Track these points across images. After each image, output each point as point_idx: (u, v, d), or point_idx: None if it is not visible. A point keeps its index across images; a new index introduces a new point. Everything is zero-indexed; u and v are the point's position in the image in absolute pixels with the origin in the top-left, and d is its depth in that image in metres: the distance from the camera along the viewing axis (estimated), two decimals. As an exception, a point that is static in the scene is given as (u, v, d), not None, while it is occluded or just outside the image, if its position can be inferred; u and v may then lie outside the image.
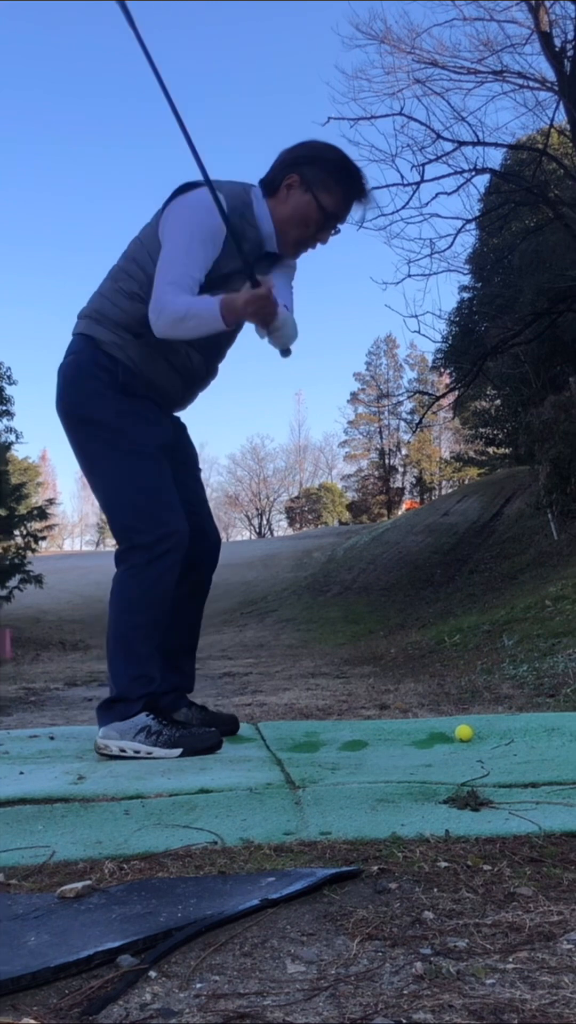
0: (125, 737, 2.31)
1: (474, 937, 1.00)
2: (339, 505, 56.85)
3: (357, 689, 5.22)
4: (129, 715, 2.32)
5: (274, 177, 2.43)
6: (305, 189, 2.39)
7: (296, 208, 2.40)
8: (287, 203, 2.40)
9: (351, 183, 2.44)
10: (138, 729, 2.30)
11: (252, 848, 1.37)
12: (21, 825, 1.56)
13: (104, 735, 2.33)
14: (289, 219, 2.41)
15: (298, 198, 2.40)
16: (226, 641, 13.82)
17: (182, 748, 2.28)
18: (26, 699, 6.23)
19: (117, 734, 2.31)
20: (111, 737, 2.32)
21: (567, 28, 14.05)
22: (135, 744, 2.29)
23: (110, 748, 2.31)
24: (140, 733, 2.30)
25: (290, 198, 2.40)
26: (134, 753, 2.28)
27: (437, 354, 21.67)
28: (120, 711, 2.33)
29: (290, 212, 2.40)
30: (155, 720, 2.32)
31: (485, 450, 31.85)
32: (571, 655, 5.02)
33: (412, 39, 14.33)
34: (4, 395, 19.25)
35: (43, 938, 1.01)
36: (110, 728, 2.33)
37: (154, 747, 2.29)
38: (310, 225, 2.43)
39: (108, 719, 2.35)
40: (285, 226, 2.42)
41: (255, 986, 0.89)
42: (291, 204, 2.40)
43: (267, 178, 2.45)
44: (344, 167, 2.44)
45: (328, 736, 2.57)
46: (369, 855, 1.31)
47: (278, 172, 2.42)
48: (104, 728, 2.34)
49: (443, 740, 2.40)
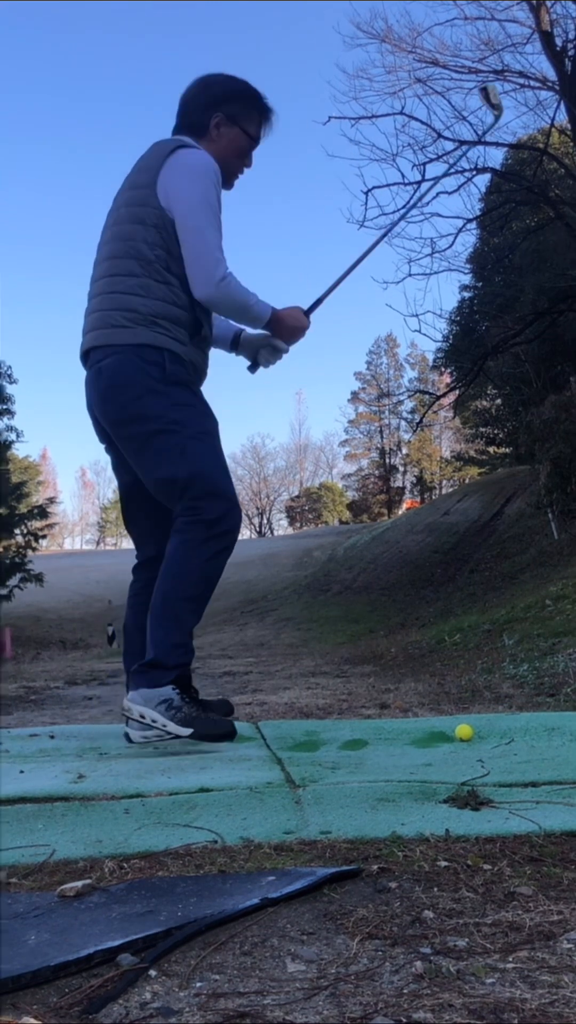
0: (148, 704, 2.35)
1: (474, 936, 1.00)
2: (339, 504, 56.86)
3: (357, 688, 5.22)
4: (161, 683, 2.35)
5: (197, 120, 2.56)
6: (232, 123, 2.56)
7: (231, 142, 2.57)
8: (220, 141, 2.55)
9: (263, 106, 2.62)
10: (161, 699, 2.34)
11: (252, 847, 1.37)
12: (21, 824, 1.56)
13: (131, 698, 2.38)
14: (226, 154, 2.55)
15: (228, 133, 2.56)
16: (226, 640, 13.82)
17: (193, 730, 2.31)
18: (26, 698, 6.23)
19: (142, 699, 2.36)
20: (136, 701, 2.37)
21: (568, 28, 14.05)
22: (154, 713, 2.33)
23: (132, 711, 2.36)
24: (162, 704, 2.34)
25: (221, 136, 2.56)
26: (151, 722, 2.33)
27: (438, 353, 21.69)
28: (154, 677, 2.36)
29: (225, 147, 2.56)
30: (179, 695, 2.36)
31: (486, 449, 31.86)
32: (571, 655, 5.01)
33: (413, 38, 14.34)
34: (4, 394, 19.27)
35: (43, 937, 1.01)
36: (137, 692, 2.37)
37: (169, 721, 2.32)
38: (243, 154, 2.60)
39: (140, 683, 2.38)
40: (223, 161, 2.53)
41: (255, 985, 0.89)
42: (225, 140, 2.56)
43: (189, 123, 2.57)
44: (253, 94, 2.61)
45: (328, 735, 2.57)
46: (369, 854, 1.31)
47: (200, 115, 2.56)
48: (132, 692, 2.39)
49: (443, 739, 2.40)
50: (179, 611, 2.39)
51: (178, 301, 2.41)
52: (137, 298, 2.39)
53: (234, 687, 6.03)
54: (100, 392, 2.46)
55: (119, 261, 2.42)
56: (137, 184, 2.46)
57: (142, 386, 2.39)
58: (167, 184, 2.39)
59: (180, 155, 2.42)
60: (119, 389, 2.41)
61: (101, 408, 2.47)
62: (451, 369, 20.78)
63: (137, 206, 2.43)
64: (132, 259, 2.40)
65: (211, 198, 2.39)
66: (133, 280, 2.39)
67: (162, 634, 2.39)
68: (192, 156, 2.42)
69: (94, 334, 2.46)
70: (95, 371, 2.46)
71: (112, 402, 2.44)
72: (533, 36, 14.03)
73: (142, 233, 2.40)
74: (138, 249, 2.40)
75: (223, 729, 2.36)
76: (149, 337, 2.38)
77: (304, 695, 4.93)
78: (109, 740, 2.63)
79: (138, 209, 2.42)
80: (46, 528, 20.94)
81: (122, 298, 2.40)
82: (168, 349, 2.40)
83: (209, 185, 2.39)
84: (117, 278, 2.42)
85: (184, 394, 2.44)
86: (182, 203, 2.37)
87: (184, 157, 2.42)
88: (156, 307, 2.39)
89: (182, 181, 2.38)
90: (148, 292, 2.39)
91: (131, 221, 2.43)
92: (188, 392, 2.46)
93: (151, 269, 2.39)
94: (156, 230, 2.39)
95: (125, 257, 2.41)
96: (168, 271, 2.40)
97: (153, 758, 2.26)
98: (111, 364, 2.41)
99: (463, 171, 14.58)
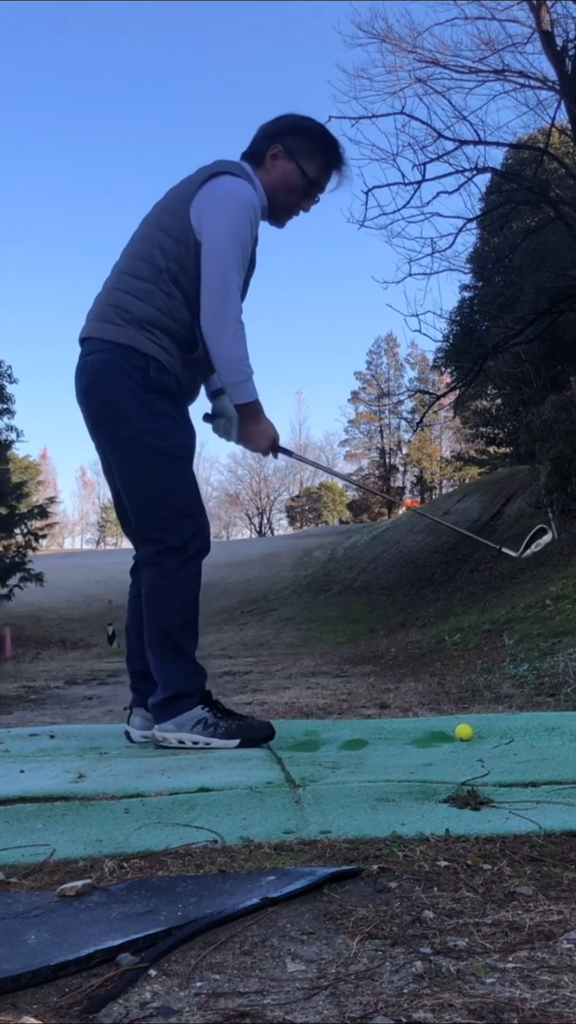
0: (182, 729, 2.38)
1: (474, 936, 0.99)
2: (339, 504, 56.86)
3: (357, 688, 5.22)
4: (187, 710, 2.39)
5: (258, 149, 2.53)
6: (289, 158, 2.50)
7: (283, 176, 2.51)
8: (272, 172, 2.51)
9: (330, 152, 2.56)
10: (195, 721, 2.38)
11: (252, 847, 1.37)
12: (21, 823, 1.56)
13: (161, 728, 2.40)
14: (276, 187, 2.51)
15: (283, 167, 2.51)
16: (226, 640, 13.82)
17: (240, 739, 2.35)
18: (26, 697, 6.23)
19: (174, 727, 2.38)
20: (168, 730, 2.39)
21: (568, 27, 14.04)
22: (192, 736, 2.37)
23: (169, 740, 2.38)
24: (197, 725, 2.37)
25: (275, 167, 2.51)
26: (192, 744, 2.36)
27: (438, 353, 21.69)
28: (177, 708, 2.39)
29: (277, 180, 2.51)
30: (210, 712, 2.40)
31: (486, 449, 31.85)
32: (571, 654, 5.01)
33: (413, 38, 14.33)
34: (5, 393, 19.27)
35: (43, 936, 1.01)
36: (167, 723, 2.39)
37: (212, 738, 2.35)
38: (295, 192, 2.54)
39: (165, 717, 2.40)
40: (273, 193, 2.51)
41: (255, 985, 0.89)
42: (277, 173, 2.51)
43: (251, 151, 2.54)
44: (323, 137, 2.56)
45: (328, 735, 2.57)
46: (369, 854, 1.31)
47: (261, 144, 2.53)
48: (160, 724, 2.41)
49: (443, 739, 2.39)
50: (178, 641, 2.42)
51: (175, 315, 2.40)
52: (136, 300, 2.39)
53: (234, 687, 6.03)
54: (82, 387, 2.48)
55: (134, 261, 2.44)
56: (177, 194, 2.46)
57: (122, 388, 2.38)
58: (202, 207, 2.38)
59: (222, 181, 2.40)
60: (99, 387, 2.42)
61: (83, 404, 2.49)
62: (451, 369, 20.78)
63: (168, 214, 2.43)
64: (145, 263, 2.41)
65: (242, 234, 2.37)
66: (139, 283, 2.40)
67: (171, 668, 2.42)
68: (233, 185, 2.40)
69: (89, 324, 2.48)
70: (81, 364, 2.48)
71: (92, 399, 2.45)
72: (533, 36, 14.03)
73: (162, 241, 2.40)
74: (153, 255, 2.40)
75: (264, 732, 2.40)
76: (137, 340, 2.38)
77: (304, 695, 4.93)
78: (109, 740, 2.63)
79: (168, 217, 2.42)
80: (46, 528, 20.95)
81: (122, 296, 2.41)
82: (154, 356, 2.39)
83: (242, 220, 2.37)
84: (125, 276, 2.44)
85: (165, 404, 2.43)
86: (211, 232, 2.35)
87: (226, 185, 2.40)
88: (151, 314, 2.38)
89: (217, 209, 2.37)
90: (148, 298, 2.39)
91: (158, 227, 2.44)
92: (169, 403, 2.45)
93: (159, 278, 2.39)
94: (176, 242, 2.39)
95: (140, 259, 2.43)
96: (175, 284, 2.39)
97: (153, 758, 2.26)
98: (95, 360, 2.43)
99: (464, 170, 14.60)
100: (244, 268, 2.41)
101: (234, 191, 2.39)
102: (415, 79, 14.34)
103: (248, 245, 2.41)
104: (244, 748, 2.33)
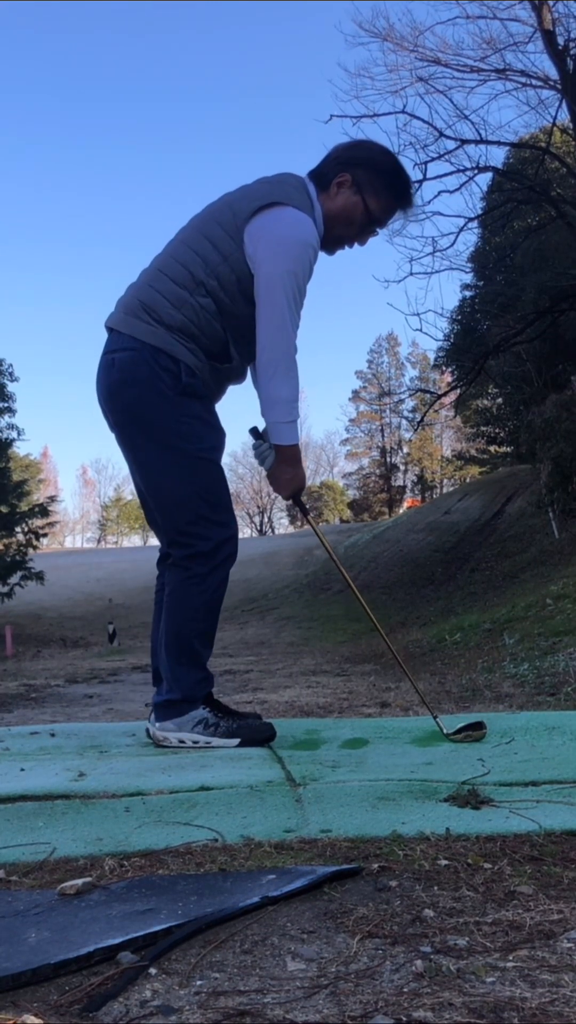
0: (183, 729, 2.38)
1: (474, 935, 0.99)
2: (340, 503, 56.84)
3: (358, 687, 5.22)
4: (190, 712, 2.39)
5: (326, 172, 2.44)
6: (356, 191, 2.42)
7: (344, 207, 2.43)
8: (335, 200, 2.43)
9: (400, 192, 2.48)
10: (196, 721, 2.38)
11: (252, 845, 1.37)
12: (22, 822, 1.56)
13: (161, 728, 2.40)
14: (336, 217, 2.43)
15: (347, 198, 2.42)
16: (227, 639, 13.82)
17: (240, 738, 2.35)
18: (27, 696, 6.24)
19: (175, 727, 2.39)
20: (168, 730, 2.39)
21: (570, 26, 14.03)
22: (192, 735, 2.37)
23: (169, 740, 2.39)
24: (198, 725, 2.38)
25: (339, 196, 2.43)
26: (193, 743, 2.36)
27: (439, 352, 21.69)
28: (181, 710, 2.40)
29: (338, 210, 2.43)
30: (211, 712, 2.40)
31: (486, 448, 31.84)
32: (572, 654, 5.01)
33: (415, 37, 14.33)
34: (6, 392, 19.29)
35: (43, 935, 1.01)
36: (167, 722, 2.40)
37: (212, 737, 2.36)
38: (353, 226, 2.46)
39: (168, 716, 2.40)
40: (331, 222, 2.44)
41: (255, 983, 0.89)
42: (339, 202, 2.43)
43: (318, 171, 2.46)
44: (396, 176, 2.47)
45: (329, 734, 2.57)
46: (370, 853, 1.31)
47: (331, 168, 2.44)
48: (160, 722, 2.41)
49: (444, 738, 2.39)
50: (195, 647, 2.42)
51: (204, 327, 2.35)
52: (167, 304, 2.34)
53: (235, 685, 6.03)
54: (108, 386, 2.42)
55: (174, 263, 2.38)
56: (233, 208, 2.38)
57: (151, 389, 2.34)
58: (261, 236, 2.31)
59: (287, 215, 2.32)
60: (127, 386, 2.37)
61: (108, 403, 2.44)
62: (452, 368, 20.77)
63: (219, 227, 2.36)
64: (184, 269, 2.36)
65: (301, 276, 2.32)
66: (174, 287, 2.35)
67: (183, 672, 2.41)
68: (298, 224, 2.32)
69: (119, 315, 2.42)
70: (108, 360, 2.42)
71: (119, 398, 2.40)
72: (535, 35, 14.03)
73: (208, 254, 2.35)
74: (194, 264, 2.35)
75: (265, 733, 2.40)
76: (168, 342, 2.34)
77: (305, 694, 4.94)
78: (110, 738, 2.63)
79: (218, 230, 2.36)
80: (47, 526, 20.95)
81: (155, 296, 2.36)
82: (184, 361, 2.35)
83: (303, 262, 2.31)
84: (163, 276, 2.38)
85: (195, 406, 2.39)
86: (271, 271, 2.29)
87: (290, 219, 2.31)
88: (180, 321, 2.34)
89: (278, 247, 2.30)
90: (180, 305, 2.34)
91: (205, 236, 2.37)
92: (198, 404, 2.41)
93: (196, 289, 2.34)
94: (224, 260, 2.33)
95: (180, 263, 2.37)
96: (211, 297, 2.34)
97: (153, 756, 2.26)
98: (124, 359, 2.37)
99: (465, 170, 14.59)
100: (300, 307, 2.37)
101: (298, 232, 2.31)
102: (416, 78, 14.37)
103: (304, 285, 2.36)
104: (245, 747, 2.33)
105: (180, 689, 2.40)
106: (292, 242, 2.30)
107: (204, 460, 2.41)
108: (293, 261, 2.30)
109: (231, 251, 2.33)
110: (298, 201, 2.35)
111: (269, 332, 2.32)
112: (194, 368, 2.37)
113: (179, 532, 2.40)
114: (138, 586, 21.83)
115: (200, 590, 2.39)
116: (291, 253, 2.30)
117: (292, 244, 2.30)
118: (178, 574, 2.42)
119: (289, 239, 2.30)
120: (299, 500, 2.62)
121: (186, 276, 2.35)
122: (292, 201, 2.34)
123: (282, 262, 2.29)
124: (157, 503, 2.44)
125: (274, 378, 2.34)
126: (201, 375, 2.40)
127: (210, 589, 2.40)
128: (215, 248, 2.35)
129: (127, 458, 2.50)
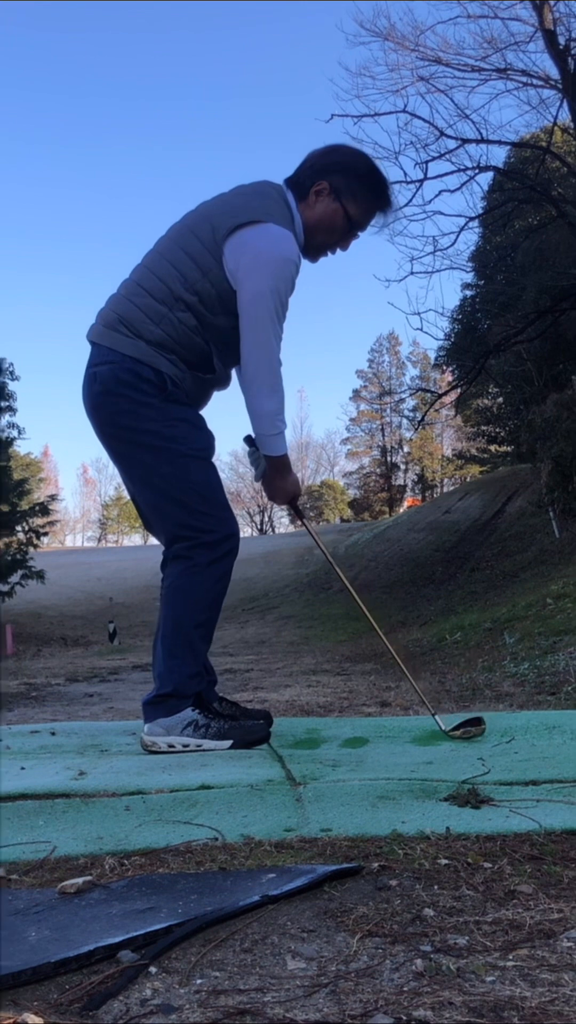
0: (172, 733, 2.33)
1: (474, 934, 1.00)
2: (341, 502, 56.84)
3: (358, 686, 5.23)
4: (178, 711, 2.34)
5: (303, 181, 2.43)
6: (334, 198, 2.41)
7: (324, 215, 2.42)
8: (315, 209, 2.42)
9: (378, 195, 2.47)
10: (185, 724, 2.33)
11: (253, 844, 1.37)
12: (22, 820, 1.56)
13: (150, 731, 2.34)
14: (317, 225, 2.42)
15: (326, 205, 2.41)
16: (227, 638, 13.82)
17: (232, 740, 2.31)
18: (27, 694, 6.24)
19: (163, 730, 2.33)
20: (157, 734, 2.33)
21: (571, 26, 14.03)
22: (183, 739, 2.32)
23: (158, 745, 2.32)
24: (188, 727, 2.33)
25: (318, 204, 2.41)
26: (183, 747, 2.30)
27: (439, 351, 21.67)
28: (171, 707, 2.35)
29: (318, 219, 2.42)
30: (201, 714, 2.36)
31: (487, 448, 31.86)
32: (572, 653, 5.01)
33: (416, 36, 14.33)
34: (6, 391, 19.26)
35: (44, 933, 1.01)
36: (155, 724, 2.34)
37: (203, 740, 2.31)
38: (335, 233, 2.45)
39: (156, 714, 2.35)
40: (312, 231, 2.43)
41: (255, 982, 0.89)
42: (319, 211, 2.42)
43: (295, 179, 2.44)
44: (373, 179, 2.46)
45: (329, 733, 2.57)
46: (370, 852, 1.31)
47: (307, 176, 2.42)
48: (149, 725, 2.35)
49: (444, 737, 2.39)
50: (192, 639, 2.39)
51: (183, 341, 2.35)
52: (145, 319, 2.34)
53: (235, 685, 6.03)
54: (92, 399, 2.41)
55: (152, 277, 2.37)
56: (212, 221, 2.36)
57: (136, 400, 2.34)
58: (242, 254, 2.29)
59: (268, 232, 2.30)
60: (112, 397, 2.36)
61: (95, 416, 2.43)
62: (453, 367, 20.77)
63: (197, 240, 2.35)
64: (163, 284, 2.35)
65: (283, 292, 2.32)
66: (152, 302, 2.34)
67: (177, 664, 2.38)
68: (279, 241, 2.30)
69: (99, 328, 2.42)
70: (91, 374, 2.41)
71: (104, 410, 2.39)
72: (536, 34, 14.03)
73: (186, 269, 2.33)
74: (172, 279, 2.34)
75: (257, 734, 2.36)
76: (149, 355, 2.33)
77: (305, 693, 4.94)
78: (110, 737, 2.63)
79: (197, 244, 2.34)
80: (47, 525, 20.94)
81: (133, 311, 2.36)
82: (166, 373, 2.35)
83: (285, 279, 2.31)
84: (141, 290, 2.37)
85: (180, 410, 2.39)
86: (253, 288, 2.28)
87: (272, 236, 2.30)
88: (159, 336, 2.33)
89: (259, 265, 2.28)
90: (159, 321, 2.34)
91: (183, 249, 2.36)
92: (186, 408, 2.42)
93: (175, 304, 2.34)
94: (203, 276, 2.32)
95: (159, 278, 2.36)
96: (190, 311, 2.34)
97: (154, 755, 2.26)
98: (106, 372, 2.36)
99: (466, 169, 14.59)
100: (283, 321, 2.36)
101: (280, 248, 2.30)
102: (418, 77, 14.37)
103: (287, 300, 2.36)
104: (236, 749, 2.29)
105: (172, 682, 2.36)
106: (274, 259, 2.29)
107: (197, 458, 2.40)
108: (275, 278, 2.29)
109: (210, 267, 2.32)
110: (278, 215, 2.34)
111: (253, 349, 2.32)
112: (176, 379, 2.37)
113: (181, 526, 2.40)
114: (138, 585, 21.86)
115: (202, 579, 2.37)
116: (273, 270, 2.29)
117: (274, 261, 2.29)
118: (180, 564, 2.40)
119: (271, 256, 2.29)
120: (295, 505, 2.62)
121: (165, 291, 2.34)
122: (272, 216, 2.33)
123: (265, 279, 2.29)
124: (155, 506, 2.43)
125: (259, 393, 2.35)
126: (184, 385, 2.39)
127: (212, 579, 2.38)
128: (194, 263, 2.33)
129: (119, 468, 2.49)
